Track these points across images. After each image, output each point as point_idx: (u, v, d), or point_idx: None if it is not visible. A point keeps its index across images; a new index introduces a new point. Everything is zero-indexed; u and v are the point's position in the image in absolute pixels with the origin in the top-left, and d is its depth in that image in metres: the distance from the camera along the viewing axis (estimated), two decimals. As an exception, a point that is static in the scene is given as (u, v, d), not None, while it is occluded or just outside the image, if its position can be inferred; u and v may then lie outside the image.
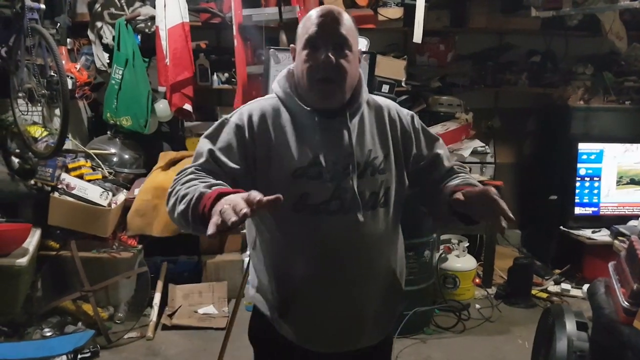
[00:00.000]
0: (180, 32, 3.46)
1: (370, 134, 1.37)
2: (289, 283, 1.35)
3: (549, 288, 3.81)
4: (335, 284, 1.34)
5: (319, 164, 1.30)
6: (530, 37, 4.31)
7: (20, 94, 3.18)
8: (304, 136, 1.31)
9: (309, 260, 1.32)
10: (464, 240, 3.77)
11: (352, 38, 1.30)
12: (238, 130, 1.31)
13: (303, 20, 1.34)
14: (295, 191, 1.29)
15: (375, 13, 3.91)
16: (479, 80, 4.26)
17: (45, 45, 3.02)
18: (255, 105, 1.36)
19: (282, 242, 1.34)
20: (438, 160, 1.45)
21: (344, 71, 1.27)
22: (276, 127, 1.33)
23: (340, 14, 1.30)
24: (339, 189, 1.30)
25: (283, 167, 1.30)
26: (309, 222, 1.30)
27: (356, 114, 1.35)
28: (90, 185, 3.32)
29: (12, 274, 2.90)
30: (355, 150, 1.32)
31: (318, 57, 1.27)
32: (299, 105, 1.32)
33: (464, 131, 3.99)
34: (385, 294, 1.41)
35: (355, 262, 1.33)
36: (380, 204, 1.35)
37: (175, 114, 3.66)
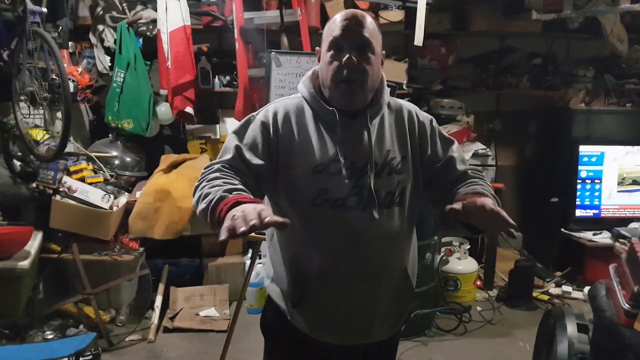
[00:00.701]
0: (182, 35, 3.46)
1: (390, 135, 1.41)
2: (304, 274, 1.40)
3: (550, 290, 3.81)
4: (349, 277, 1.38)
5: (338, 161, 1.35)
6: (532, 39, 4.31)
7: (22, 97, 3.18)
8: (326, 134, 1.37)
9: (325, 253, 1.37)
10: (465, 242, 3.77)
11: (375, 41, 1.35)
12: (263, 127, 1.38)
13: (328, 24, 1.40)
14: (315, 186, 1.35)
15: (377, 16, 3.91)
16: (480, 83, 4.26)
17: (47, 49, 3.03)
18: (281, 104, 1.43)
19: (299, 235, 1.39)
20: (451, 163, 1.46)
21: (366, 72, 1.32)
22: (299, 125, 1.39)
23: (364, 17, 1.35)
24: (357, 186, 1.35)
25: (304, 162, 1.36)
26: (326, 216, 1.35)
27: (377, 115, 1.40)
28: (92, 188, 3.33)
29: (14, 276, 2.91)
30: (374, 150, 1.37)
31: (341, 58, 1.31)
32: (322, 105, 1.38)
33: (465, 134, 3.99)
34: (396, 291, 1.45)
35: (370, 257, 1.38)
36: (395, 203, 1.39)
37: (177, 117, 3.67)
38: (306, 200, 1.35)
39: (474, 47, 4.33)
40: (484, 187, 1.38)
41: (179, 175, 3.51)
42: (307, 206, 1.36)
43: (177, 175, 3.51)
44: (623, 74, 4.17)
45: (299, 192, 1.37)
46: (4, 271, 2.88)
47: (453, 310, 3.44)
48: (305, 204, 1.36)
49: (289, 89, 2.94)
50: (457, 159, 1.47)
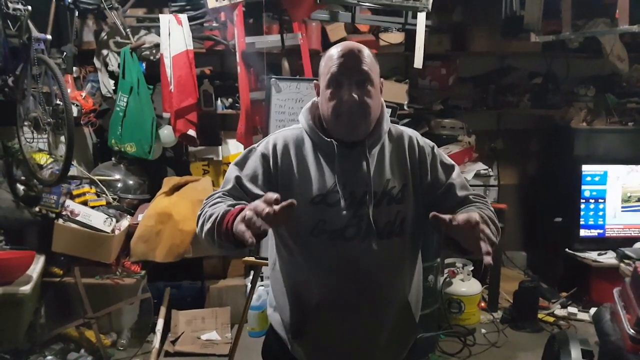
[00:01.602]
0: (185, 60, 3.50)
1: (390, 163, 1.41)
2: (304, 306, 1.41)
3: (556, 312, 3.76)
4: (348, 309, 1.38)
5: (337, 192, 1.36)
6: (531, 59, 4.33)
7: (27, 122, 3.22)
8: (325, 165, 1.38)
9: (324, 284, 1.37)
10: (468, 264, 3.74)
11: (373, 72, 1.36)
12: (263, 159, 1.40)
13: (325, 59, 1.39)
14: (313, 217, 1.35)
15: (377, 38, 3.96)
16: (481, 103, 4.28)
17: (51, 75, 3.07)
18: (281, 135, 1.44)
19: (299, 265, 1.40)
20: (452, 190, 1.44)
21: (367, 107, 1.33)
22: (299, 156, 1.40)
23: (360, 51, 1.35)
24: (355, 216, 1.35)
25: (303, 193, 1.36)
26: (325, 247, 1.36)
27: (376, 144, 1.40)
28: (94, 212, 3.33)
29: (15, 302, 2.89)
30: (373, 180, 1.37)
31: (342, 95, 1.33)
32: (321, 137, 1.39)
33: (466, 154, 3.99)
34: (397, 323, 1.44)
35: (369, 289, 1.37)
36: (395, 233, 1.38)
37: (180, 140, 3.69)
38: (305, 231, 1.36)
39: (474, 67, 4.36)
40: (483, 210, 1.33)
41: (180, 197, 3.52)
42: (306, 237, 1.37)
43: (179, 197, 3.52)
44: (624, 92, 4.18)
45: (298, 223, 1.36)
46: (5, 296, 2.86)
47: (457, 333, 3.41)
48: (304, 235, 1.37)
49: (288, 114, 2.96)
50: (457, 185, 1.44)
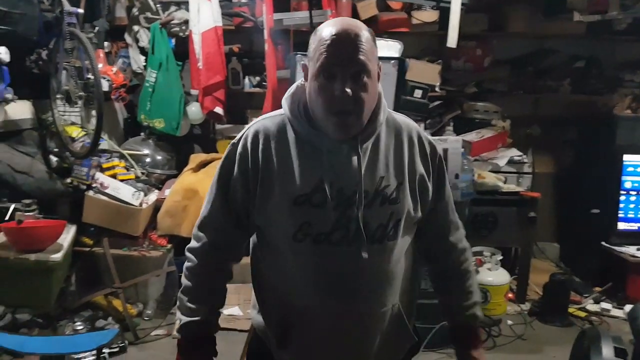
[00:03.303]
0: (213, 36, 3.50)
1: (385, 159, 1.26)
2: (288, 314, 1.29)
3: (588, 307, 3.61)
4: (335, 319, 1.26)
5: (323, 190, 1.20)
6: (574, 41, 4.13)
7: (59, 96, 3.30)
8: (310, 160, 1.23)
9: (309, 293, 1.25)
10: (497, 253, 3.62)
11: (371, 61, 1.17)
12: (241, 159, 1.26)
13: (315, 40, 1.20)
14: (296, 219, 1.21)
15: (409, 16, 3.85)
16: (517, 87, 4.12)
17: (82, 49, 3.13)
18: (261, 125, 1.28)
19: (281, 272, 1.28)
20: (442, 208, 1.35)
21: (362, 102, 1.17)
22: (280, 150, 1.24)
23: (358, 35, 1.15)
24: (343, 218, 1.21)
25: (285, 193, 1.22)
26: (309, 253, 1.22)
27: (369, 138, 1.24)
28: (123, 185, 3.41)
29: (47, 269, 2.99)
30: (365, 178, 1.22)
31: (334, 90, 1.15)
32: (307, 127, 1.23)
33: (500, 139, 3.86)
34: (389, 333, 1.33)
35: (358, 298, 1.25)
36: (388, 237, 1.24)
37: (207, 117, 3.72)
38: (286, 234, 1.22)
39: (512, 48, 4.20)
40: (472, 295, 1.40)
41: (207, 174, 3.55)
42: (288, 241, 1.23)
43: (205, 174, 3.56)
44: (674, 78, 3.94)
45: (278, 226, 1.25)
46: (37, 263, 2.96)
47: (482, 323, 3.31)
48: (286, 239, 1.23)
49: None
50: (449, 205, 1.37)
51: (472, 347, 1.41)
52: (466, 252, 1.42)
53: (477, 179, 3.37)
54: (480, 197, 3.36)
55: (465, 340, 1.42)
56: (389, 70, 2.95)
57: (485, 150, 3.71)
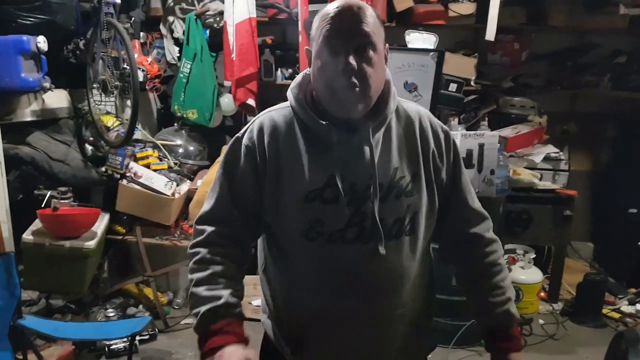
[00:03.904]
0: (247, 28, 3.50)
1: (398, 149, 1.19)
2: (301, 318, 1.22)
3: (622, 308, 3.53)
4: (352, 321, 1.20)
5: (334, 185, 1.14)
6: (616, 36, 4.01)
7: (95, 85, 3.33)
8: (319, 154, 1.16)
9: (323, 294, 1.18)
10: (530, 251, 3.57)
11: (377, 35, 1.12)
12: (248, 153, 1.20)
13: (317, 19, 1.16)
14: (307, 217, 1.15)
15: (446, 9, 3.78)
16: (555, 82, 4.02)
17: (119, 39, 3.15)
18: (267, 118, 1.22)
19: (293, 273, 1.21)
20: (461, 195, 1.28)
21: (368, 77, 1.10)
22: (288, 144, 1.18)
23: (361, 7, 1.11)
24: (357, 214, 1.15)
25: (294, 189, 1.16)
26: (322, 252, 1.16)
27: (381, 127, 1.18)
28: (156, 175, 3.44)
29: (81, 255, 3.04)
30: (378, 170, 1.15)
31: (337, 64, 1.09)
32: (314, 119, 1.16)
33: (536, 135, 3.78)
34: (409, 333, 1.26)
35: (375, 298, 1.19)
36: (405, 232, 1.18)
37: (239, 108, 3.72)
38: (297, 233, 1.16)
39: (550, 42, 4.08)
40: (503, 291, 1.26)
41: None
42: (299, 240, 1.16)
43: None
44: None
45: (289, 224, 1.18)
46: (72, 250, 3.01)
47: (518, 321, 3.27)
48: (297, 238, 1.16)
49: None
50: (467, 192, 1.29)
51: (508, 351, 1.26)
52: (493, 244, 1.30)
53: (512, 175, 3.31)
54: (514, 194, 3.30)
55: (499, 343, 1.27)
56: (428, 63, 2.91)
57: (521, 146, 3.64)
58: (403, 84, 2.95)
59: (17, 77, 2.93)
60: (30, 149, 3.13)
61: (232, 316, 1.17)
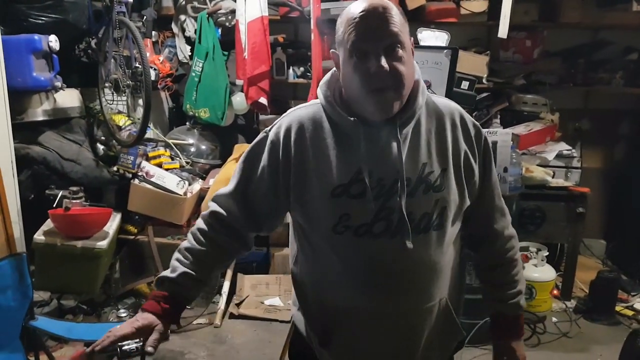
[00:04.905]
0: (260, 26, 3.48)
1: (427, 144, 1.20)
2: (330, 311, 1.24)
3: (636, 305, 3.52)
4: (379, 316, 1.21)
5: (362, 180, 1.15)
6: (629, 33, 3.99)
7: (107, 84, 3.32)
8: (347, 149, 1.18)
9: (351, 288, 1.20)
10: (543, 249, 3.56)
11: (404, 33, 1.13)
12: (272, 151, 1.23)
13: (342, 22, 1.15)
14: (334, 211, 1.17)
15: (458, 6, 3.77)
16: (568, 79, 4.00)
17: (131, 38, 3.14)
18: (295, 115, 1.24)
19: (322, 266, 1.23)
20: (487, 193, 1.30)
21: (400, 75, 1.12)
22: (315, 141, 1.20)
23: (386, 8, 1.11)
24: (384, 209, 1.15)
25: (321, 185, 1.18)
26: (351, 245, 1.17)
27: (409, 122, 1.19)
28: (168, 174, 3.43)
29: (92, 255, 3.02)
30: (406, 165, 1.16)
31: (369, 66, 1.10)
32: (341, 115, 1.18)
33: (548, 132, 3.77)
34: (437, 329, 1.27)
35: (403, 292, 1.20)
36: (433, 227, 1.18)
37: (251, 107, 3.71)
38: (326, 227, 1.18)
39: (563, 39, 4.07)
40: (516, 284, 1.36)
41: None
42: (328, 234, 1.18)
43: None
44: None
45: (317, 219, 1.20)
46: (84, 250, 3.00)
47: (526, 319, 3.26)
48: (326, 232, 1.18)
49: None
50: (495, 190, 1.32)
51: (511, 338, 1.37)
52: (512, 239, 1.36)
53: (524, 172, 3.30)
54: (527, 192, 3.29)
55: (504, 330, 1.38)
56: (442, 60, 2.90)
57: (534, 144, 3.63)
58: (417, 82, 2.94)
59: (28, 76, 2.93)
60: (41, 149, 3.13)
61: (172, 291, 1.24)
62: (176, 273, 1.25)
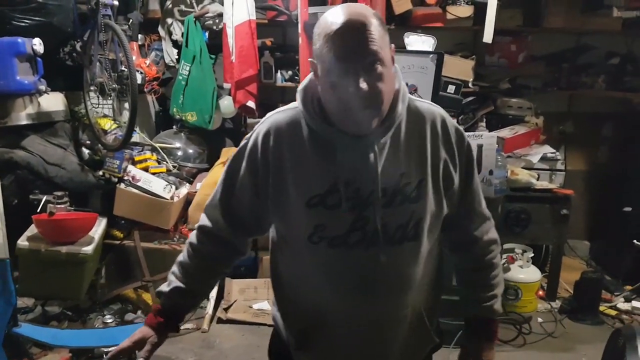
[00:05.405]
0: (247, 30, 3.48)
1: (405, 152, 1.17)
2: (306, 314, 1.25)
3: (619, 305, 3.58)
4: (354, 322, 1.21)
5: (337, 191, 1.13)
6: (610, 38, 4.07)
7: (93, 87, 3.28)
8: (325, 158, 1.14)
9: (326, 295, 1.20)
10: (528, 250, 3.61)
11: (383, 48, 1.07)
12: (251, 158, 1.21)
13: (320, 33, 1.09)
14: (310, 222, 1.15)
15: (444, 11, 3.80)
16: (552, 83, 4.08)
17: (117, 41, 3.11)
18: (273, 121, 1.21)
19: (301, 270, 1.23)
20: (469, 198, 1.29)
21: (380, 94, 1.07)
22: (293, 147, 1.17)
23: (365, 25, 1.05)
24: (360, 219, 1.14)
25: (298, 194, 1.16)
26: (326, 256, 1.16)
27: (388, 131, 1.15)
28: (155, 178, 3.40)
29: (78, 261, 2.99)
30: (383, 175, 1.13)
31: (347, 86, 1.05)
32: (320, 123, 1.14)
33: (533, 136, 3.82)
34: (409, 336, 1.27)
35: (377, 301, 1.19)
36: (408, 238, 1.17)
37: (239, 111, 3.70)
38: (302, 236, 1.17)
39: (547, 44, 4.13)
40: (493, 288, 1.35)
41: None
42: (304, 243, 1.17)
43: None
44: None
45: (294, 227, 1.19)
46: (69, 255, 2.96)
47: (512, 320, 3.30)
48: (302, 241, 1.17)
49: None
50: (476, 195, 1.30)
51: (481, 341, 1.37)
52: (493, 244, 1.35)
53: (510, 175, 3.34)
54: (513, 194, 3.33)
55: (476, 332, 1.37)
56: (428, 65, 2.93)
57: (519, 147, 3.68)
58: (404, 86, 2.96)
59: (12, 80, 2.89)
60: (25, 153, 3.09)
61: (166, 305, 1.31)
62: (169, 287, 1.31)
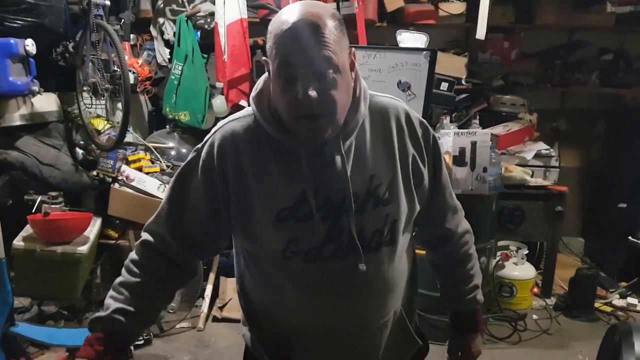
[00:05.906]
0: (239, 29, 3.48)
1: (373, 152, 1.11)
2: (284, 332, 1.19)
3: (614, 302, 3.58)
4: (335, 334, 1.17)
5: (307, 201, 1.06)
6: (603, 34, 4.06)
7: (85, 88, 3.28)
8: (289, 168, 1.07)
9: (305, 309, 1.14)
10: (523, 247, 3.61)
11: (338, 53, 1.00)
12: (205, 171, 1.11)
13: (271, 30, 1.02)
14: (281, 237, 1.08)
15: (436, 8, 3.80)
16: (545, 80, 4.07)
17: (109, 41, 3.11)
18: (228, 130, 1.12)
19: (274, 289, 1.16)
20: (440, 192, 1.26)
21: (333, 102, 1.00)
22: (253, 159, 1.09)
23: (319, 27, 0.98)
24: (334, 229, 1.08)
25: (265, 208, 1.08)
26: (301, 271, 1.10)
27: (352, 134, 1.10)
28: (149, 178, 3.40)
29: (73, 261, 2.99)
30: (353, 180, 1.08)
31: (296, 92, 0.99)
32: (279, 131, 1.07)
33: (527, 133, 3.82)
34: (392, 340, 1.25)
35: (358, 311, 1.15)
36: (385, 243, 1.12)
37: (232, 110, 3.70)
38: (274, 253, 1.10)
39: (540, 41, 4.12)
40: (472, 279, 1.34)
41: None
42: (277, 259, 1.10)
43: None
44: None
45: (264, 244, 1.12)
46: (64, 255, 2.96)
47: (507, 317, 3.30)
48: (274, 258, 1.10)
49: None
50: (446, 189, 1.27)
51: (467, 333, 1.37)
52: (466, 234, 1.34)
53: (504, 172, 3.34)
54: (507, 191, 3.33)
55: (461, 325, 1.38)
56: (421, 62, 2.92)
57: (512, 144, 3.68)
58: (397, 83, 2.96)
59: (5, 81, 2.89)
60: (19, 154, 3.09)
61: (107, 331, 1.14)
62: (109, 310, 1.14)
